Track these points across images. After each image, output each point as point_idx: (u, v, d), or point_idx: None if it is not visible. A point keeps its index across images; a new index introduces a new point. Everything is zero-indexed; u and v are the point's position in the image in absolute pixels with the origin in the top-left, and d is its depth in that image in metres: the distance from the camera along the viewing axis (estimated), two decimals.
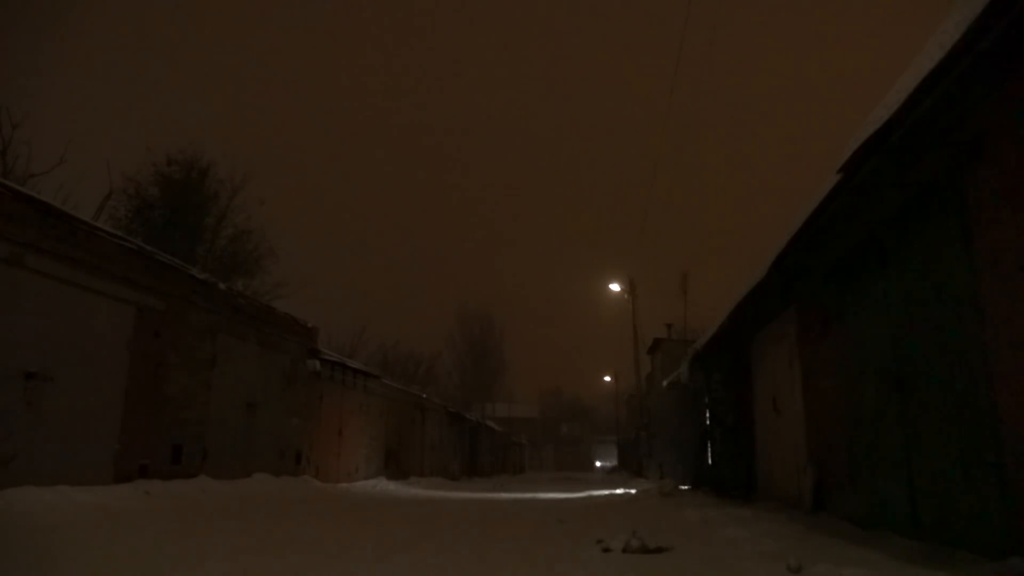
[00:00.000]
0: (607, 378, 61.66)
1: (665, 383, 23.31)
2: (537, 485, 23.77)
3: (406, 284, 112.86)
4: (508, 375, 67.13)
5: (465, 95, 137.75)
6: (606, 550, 5.29)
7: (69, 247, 8.42)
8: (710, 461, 14.37)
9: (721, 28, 32.79)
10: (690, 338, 22.50)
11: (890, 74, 4.98)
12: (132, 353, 9.64)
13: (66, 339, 8.43)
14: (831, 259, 7.23)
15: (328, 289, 64.89)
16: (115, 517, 6.87)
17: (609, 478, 35.99)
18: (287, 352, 14.47)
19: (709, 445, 14.47)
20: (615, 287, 33.80)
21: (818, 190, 6.12)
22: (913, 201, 5.39)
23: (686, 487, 16.18)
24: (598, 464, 72.35)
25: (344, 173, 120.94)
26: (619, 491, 18.08)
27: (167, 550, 5.01)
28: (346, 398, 17.53)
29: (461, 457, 31.18)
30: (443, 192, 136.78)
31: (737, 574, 4.42)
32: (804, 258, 7.57)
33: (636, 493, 15.96)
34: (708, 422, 14.54)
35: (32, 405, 7.84)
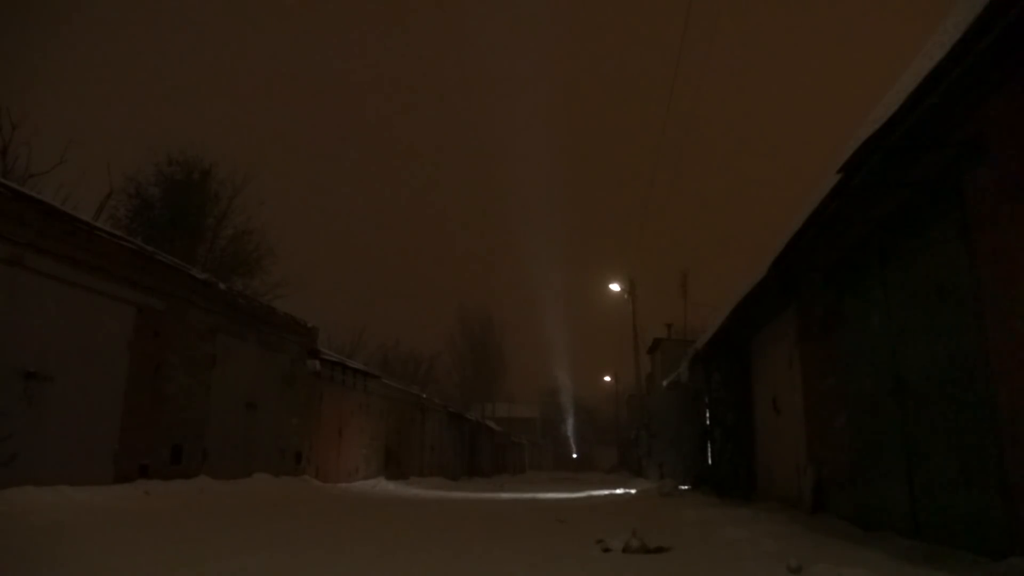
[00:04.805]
0: (607, 378, 61.72)
1: (665, 383, 23.30)
2: (537, 485, 23.76)
3: (406, 284, 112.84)
4: (508, 375, 67.08)
5: (464, 95, 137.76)
6: (606, 550, 5.29)
7: (69, 247, 8.42)
8: (710, 461, 14.36)
9: (722, 27, 32.80)
10: (690, 338, 22.49)
11: (890, 74, 4.98)
12: (132, 353, 9.64)
13: (66, 339, 8.43)
14: (831, 259, 7.23)
15: (328, 289, 64.82)
16: (115, 517, 6.86)
17: (608, 477, 35.98)
18: (287, 352, 14.47)
19: (709, 445, 14.46)
20: (615, 287, 33.85)
21: (818, 190, 6.12)
22: (913, 201, 5.39)
23: (686, 487, 16.17)
24: (575, 456, 74.01)
25: (344, 173, 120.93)
26: (619, 491, 18.08)
27: (167, 550, 5.01)
28: (346, 398, 17.53)
29: (461, 457, 31.16)
30: (444, 192, 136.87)
31: (737, 574, 4.42)
32: (804, 258, 7.57)
33: (636, 493, 15.96)
34: (708, 422, 14.53)
35: (32, 405, 7.83)
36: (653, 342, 31.29)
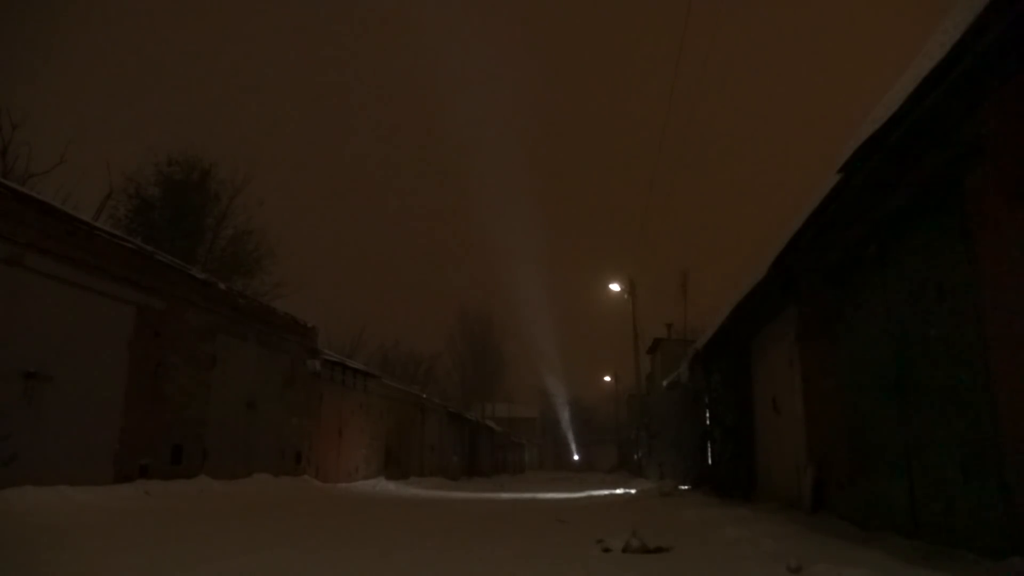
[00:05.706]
0: (607, 378, 61.71)
1: (665, 383, 23.31)
2: (537, 485, 23.77)
3: (406, 284, 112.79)
4: (508, 375, 67.00)
5: (463, 96, 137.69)
6: (606, 550, 5.29)
7: (69, 247, 8.42)
8: (710, 461, 14.37)
9: (722, 27, 32.78)
10: (690, 338, 22.50)
11: (890, 74, 4.98)
12: (132, 353, 9.64)
13: (66, 339, 8.43)
14: (831, 259, 7.23)
15: (328, 289, 64.81)
16: (115, 517, 6.87)
17: (608, 478, 36.00)
18: (287, 352, 14.47)
19: (709, 445, 14.46)
20: (615, 287, 33.84)
21: (818, 190, 6.12)
22: (913, 201, 5.39)
23: (686, 487, 16.17)
24: (575, 456, 75.52)
25: (344, 173, 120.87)
26: (619, 491, 18.08)
27: (167, 550, 5.01)
28: (346, 398, 17.53)
29: (461, 457, 31.16)
30: (444, 192, 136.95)
31: (737, 574, 4.42)
32: (804, 258, 7.57)
33: (636, 493, 15.96)
34: (708, 422, 14.54)
35: (32, 405, 7.83)
36: (653, 342, 31.30)
